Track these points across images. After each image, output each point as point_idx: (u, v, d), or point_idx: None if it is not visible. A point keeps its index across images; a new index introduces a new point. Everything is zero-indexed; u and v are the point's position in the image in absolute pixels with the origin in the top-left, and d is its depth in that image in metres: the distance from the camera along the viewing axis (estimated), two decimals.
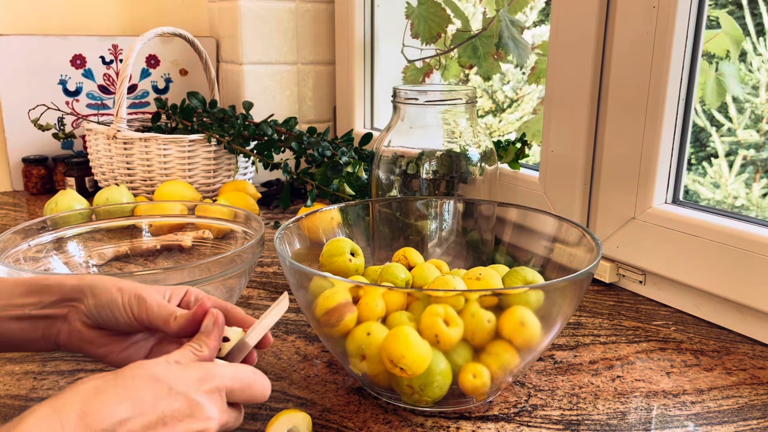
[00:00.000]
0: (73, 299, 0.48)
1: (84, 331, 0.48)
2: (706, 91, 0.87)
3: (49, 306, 0.48)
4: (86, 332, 0.48)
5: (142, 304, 0.47)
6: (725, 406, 0.57)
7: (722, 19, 0.88)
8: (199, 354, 0.43)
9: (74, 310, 0.48)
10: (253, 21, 1.31)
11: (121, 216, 0.82)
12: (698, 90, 0.75)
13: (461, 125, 0.82)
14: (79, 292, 0.48)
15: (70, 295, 0.48)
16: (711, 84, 0.87)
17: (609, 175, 0.81)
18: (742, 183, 1.46)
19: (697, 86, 0.75)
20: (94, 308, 0.47)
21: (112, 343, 0.49)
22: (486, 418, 0.55)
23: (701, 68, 0.72)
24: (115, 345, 0.49)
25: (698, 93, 0.79)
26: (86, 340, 0.48)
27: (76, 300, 0.48)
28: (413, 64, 1.19)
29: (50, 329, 0.48)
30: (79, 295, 0.48)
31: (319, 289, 0.54)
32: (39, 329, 0.48)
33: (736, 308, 0.71)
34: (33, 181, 1.27)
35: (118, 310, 0.47)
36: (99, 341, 0.48)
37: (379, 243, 0.80)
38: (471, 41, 1.07)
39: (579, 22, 0.81)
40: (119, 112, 1.13)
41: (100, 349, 0.49)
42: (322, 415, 0.55)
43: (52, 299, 0.48)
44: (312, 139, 1.15)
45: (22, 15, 1.28)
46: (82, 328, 0.48)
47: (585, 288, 0.55)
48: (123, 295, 0.47)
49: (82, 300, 0.48)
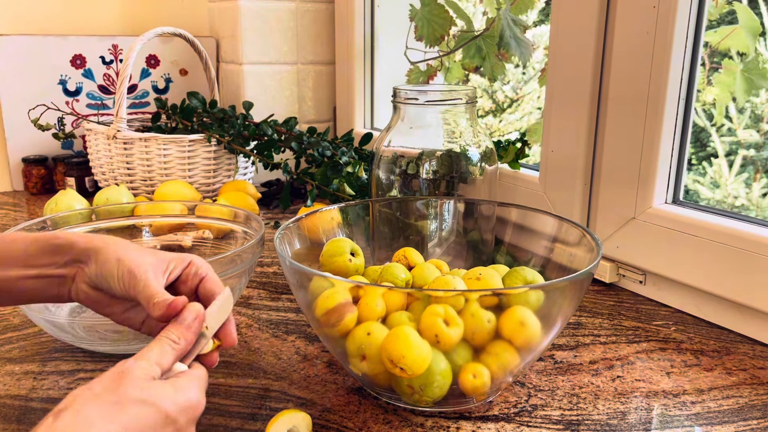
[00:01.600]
0: (80, 261, 0.50)
1: (89, 292, 0.50)
2: (735, 88, 0.86)
3: (62, 266, 0.50)
4: (91, 293, 0.50)
5: (132, 281, 0.48)
6: (725, 406, 0.57)
7: (739, 12, 0.87)
8: (177, 348, 0.43)
9: (81, 272, 0.50)
10: (253, 21, 1.31)
11: (121, 216, 0.82)
12: (724, 89, 0.75)
13: (461, 125, 0.82)
14: (86, 254, 0.50)
15: (79, 256, 0.50)
16: (738, 80, 0.86)
17: (609, 175, 0.81)
18: (742, 183, 1.46)
19: (696, 86, 0.75)
20: (94, 275, 0.49)
21: (113, 305, 0.51)
22: (486, 418, 0.55)
23: (726, 67, 0.72)
24: (116, 306, 0.51)
25: (726, 92, 0.78)
26: (92, 299, 0.50)
27: (83, 262, 0.50)
28: (417, 67, 1.19)
29: (62, 287, 0.51)
30: (85, 258, 0.50)
31: (319, 289, 0.54)
32: (54, 287, 0.51)
33: (736, 308, 0.71)
34: (33, 181, 1.27)
35: (113, 281, 0.48)
36: (103, 302, 0.51)
37: (379, 243, 0.80)
38: (474, 42, 1.07)
39: (579, 22, 0.81)
40: (119, 112, 1.13)
41: (105, 309, 0.51)
42: (322, 415, 0.55)
43: (65, 259, 0.50)
44: (312, 139, 1.15)
45: (22, 15, 1.28)
46: (87, 289, 0.50)
47: (585, 288, 0.55)
48: (119, 268, 0.48)
49: (87, 263, 0.49)
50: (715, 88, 0.89)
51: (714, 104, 1.21)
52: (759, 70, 0.84)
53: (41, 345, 0.67)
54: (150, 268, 0.49)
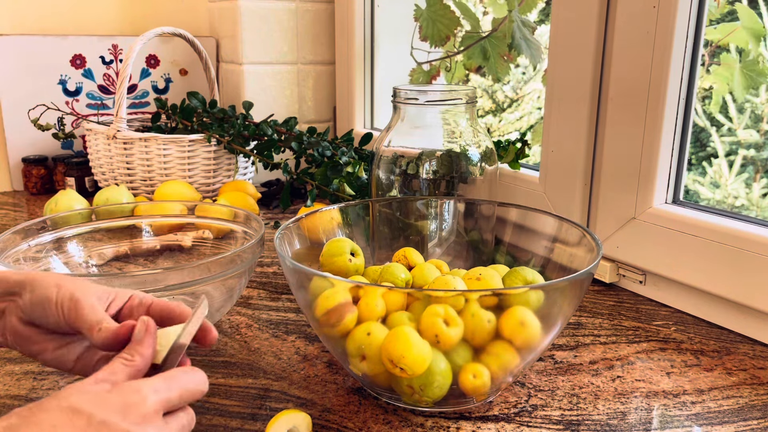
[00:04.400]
0: (13, 293, 0.46)
1: (19, 327, 0.46)
2: (732, 85, 0.86)
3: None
4: (21, 328, 0.46)
5: (74, 306, 0.44)
6: (725, 407, 0.57)
7: (741, 12, 0.87)
8: (130, 364, 0.40)
9: (12, 305, 0.46)
10: (253, 21, 1.31)
11: (121, 216, 0.82)
12: (723, 82, 0.74)
13: (461, 125, 0.82)
14: (20, 286, 0.46)
15: (12, 289, 0.46)
16: (737, 76, 0.86)
17: (609, 175, 0.81)
18: (742, 183, 1.46)
19: (697, 86, 0.75)
20: (29, 303, 0.45)
21: (45, 341, 0.47)
22: (486, 418, 0.55)
23: (724, 62, 0.72)
24: (49, 343, 0.47)
25: (723, 84, 0.78)
26: (22, 336, 0.46)
27: (16, 294, 0.46)
28: (420, 67, 1.19)
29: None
30: (19, 290, 0.46)
31: (319, 289, 0.54)
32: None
33: (736, 308, 0.71)
34: (33, 181, 1.27)
35: (50, 308, 0.44)
36: (33, 338, 0.46)
37: (379, 243, 0.80)
38: (480, 43, 1.07)
39: (579, 22, 0.81)
40: (119, 112, 1.13)
41: (34, 347, 0.47)
42: (322, 415, 0.55)
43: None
44: (312, 139, 1.15)
45: (22, 15, 1.28)
46: (18, 323, 0.46)
47: (585, 288, 0.55)
48: (59, 293, 0.45)
49: (21, 294, 0.46)
50: (713, 78, 0.89)
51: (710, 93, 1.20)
52: (758, 69, 0.84)
53: None
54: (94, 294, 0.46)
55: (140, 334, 0.42)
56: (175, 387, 0.39)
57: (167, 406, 0.39)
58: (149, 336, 0.42)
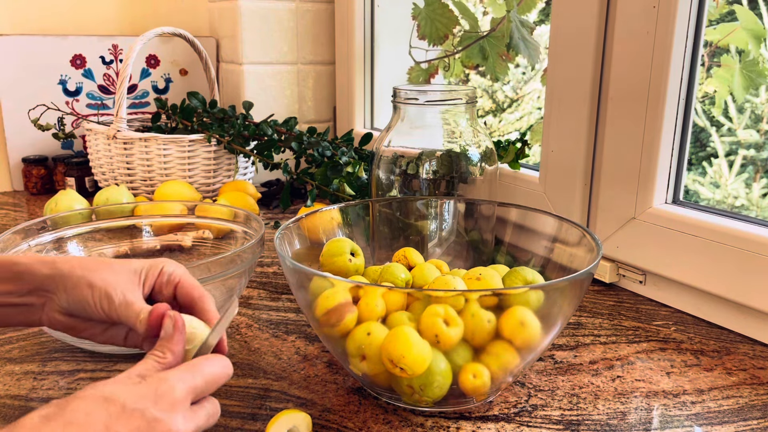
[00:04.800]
0: (47, 290, 0.48)
1: (62, 320, 0.48)
2: (732, 85, 0.86)
3: (26, 295, 0.48)
4: (64, 320, 0.48)
5: (112, 305, 0.47)
6: (725, 406, 0.57)
7: (740, 13, 0.87)
8: (163, 362, 0.42)
9: (50, 301, 0.48)
10: (253, 21, 1.31)
11: (121, 216, 0.82)
12: (723, 83, 0.74)
13: (461, 125, 0.82)
14: (52, 283, 0.48)
15: (45, 285, 0.48)
16: (737, 77, 0.86)
17: (609, 175, 0.81)
18: (742, 183, 1.46)
19: (696, 86, 0.75)
20: (66, 303, 0.47)
21: (91, 328, 0.49)
22: (486, 418, 0.55)
23: (725, 63, 0.71)
24: (96, 328, 0.49)
25: (724, 86, 0.77)
26: (66, 326, 0.49)
27: (50, 291, 0.48)
28: (418, 65, 1.19)
29: (30, 315, 0.49)
30: (52, 287, 0.48)
31: (319, 289, 0.54)
32: (20, 315, 0.49)
33: (736, 308, 0.71)
34: (33, 181, 1.27)
35: (90, 308, 0.47)
36: (79, 327, 0.49)
37: (379, 243, 0.80)
38: (479, 42, 1.07)
39: (579, 22, 0.81)
40: (119, 112, 1.13)
41: (82, 333, 0.49)
42: (322, 415, 0.55)
43: (27, 288, 0.48)
44: (312, 139, 1.15)
45: (22, 15, 1.28)
46: (60, 316, 0.48)
47: (585, 288, 0.55)
48: (93, 294, 0.47)
49: (54, 292, 0.48)
50: (715, 81, 0.89)
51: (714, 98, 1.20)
52: (758, 70, 0.84)
53: (41, 345, 0.67)
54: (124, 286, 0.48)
55: (169, 330, 0.44)
56: (199, 375, 0.41)
57: (195, 393, 0.41)
58: (178, 332, 0.44)
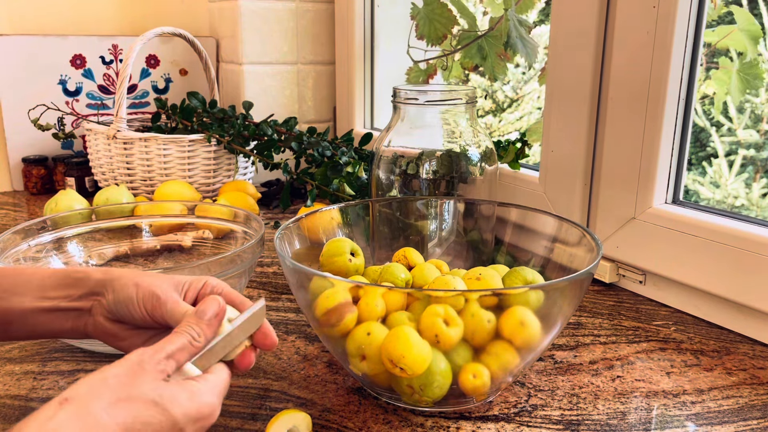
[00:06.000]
0: (97, 293, 0.49)
1: (106, 325, 0.49)
2: (730, 87, 0.86)
3: (77, 299, 0.49)
4: (108, 326, 0.49)
5: (156, 302, 0.47)
6: (725, 406, 0.57)
7: (738, 15, 0.87)
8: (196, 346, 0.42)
9: (97, 304, 0.49)
10: (253, 21, 1.31)
11: (121, 216, 0.82)
12: (722, 86, 0.74)
13: (461, 125, 0.82)
14: (102, 286, 0.48)
15: (95, 288, 0.49)
16: (734, 79, 0.86)
17: (609, 175, 0.81)
18: (742, 183, 1.46)
19: (696, 86, 0.75)
20: (113, 303, 0.48)
21: (132, 337, 0.49)
22: (486, 418, 0.55)
23: (723, 65, 0.71)
24: (136, 338, 0.49)
25: (723, 88, 0.77)
26: (109, 333, 0.49)
27: (100, 294, 0.49)
28: (417, 65, 1.19)
29: (78, 321, 0.49)
30: (102, 290, 0.48)
31: (319, 289, 0.54)
32: (69, 321, 0.49)
33: (736, 308, 0.71)
34: (33, 181, 1.27)
35: (133, 307, 0.47)
36: (121, 334, 0.49)
37: (379, 243, 0.80)
38: (477, 42, 1.07)
39: (579, 22, 0.81)
40: (119, 112, 1.13)
41: (122, 342, 0.49)
42: (322, 415, 0.55)
43: (80, 292, 0.49)
44: (312, 139, 1.15)
45: (22, 15, 1.28)
46: (104, 321, 0.49)
47: (585, 288, 0.55)
48: (138, 292, 0.47)
49: (104, 294, 0.48)
50: (713, 83, 0.89)
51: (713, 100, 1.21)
52: (755, 72, 0.84)
53: (41, 345, 0.67)
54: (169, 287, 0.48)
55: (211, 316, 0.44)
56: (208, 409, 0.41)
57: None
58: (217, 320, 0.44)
